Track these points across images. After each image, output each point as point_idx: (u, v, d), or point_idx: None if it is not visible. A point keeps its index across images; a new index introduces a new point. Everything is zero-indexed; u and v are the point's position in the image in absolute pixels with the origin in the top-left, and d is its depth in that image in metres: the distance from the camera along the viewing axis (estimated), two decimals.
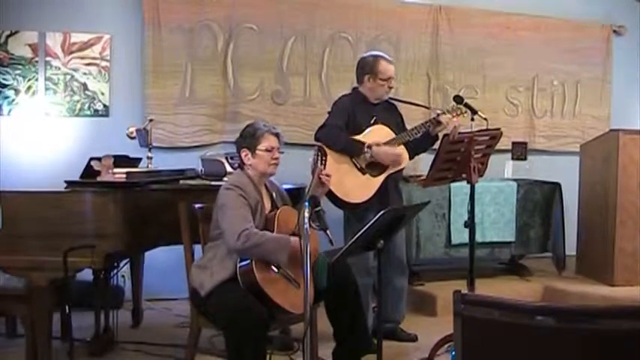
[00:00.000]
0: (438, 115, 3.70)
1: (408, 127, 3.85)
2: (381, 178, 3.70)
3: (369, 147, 3.62)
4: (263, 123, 3.15)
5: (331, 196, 3.59)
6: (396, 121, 3.87)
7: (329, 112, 3.84)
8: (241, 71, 5.10)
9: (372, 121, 3.74)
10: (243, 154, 3.06)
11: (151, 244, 3.75)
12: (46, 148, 4.68)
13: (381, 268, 2.87)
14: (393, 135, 3.74)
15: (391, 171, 3.71)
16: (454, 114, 3.70)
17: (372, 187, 3.67)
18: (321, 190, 2.96)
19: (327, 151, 3.52)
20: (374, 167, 3.69)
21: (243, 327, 2.66)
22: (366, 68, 3.81)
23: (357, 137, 3.69)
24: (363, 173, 3.68)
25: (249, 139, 3.04)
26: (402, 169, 3.83)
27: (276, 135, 3.07)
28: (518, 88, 5.98)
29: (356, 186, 3.65)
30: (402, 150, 3.74)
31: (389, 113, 3.88)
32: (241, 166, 3.11)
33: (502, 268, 5.34)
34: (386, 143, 3.71)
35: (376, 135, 3.71)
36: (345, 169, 3.65)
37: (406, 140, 3.73)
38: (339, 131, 3.67)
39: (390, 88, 3.80)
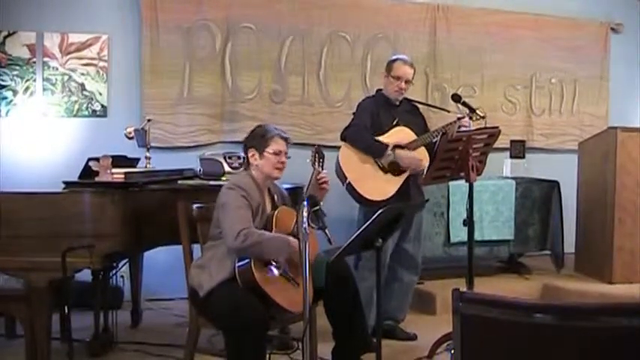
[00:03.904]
0: (459, 119, 3.72)
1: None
2: (403, 177, 3.77)
3: (393, 149, 3.72)
4: (274, 126, 3.15)
5: (354, 193, 3.71)
6: (418, 123, 3.94)
7: (354, 114, 3.94)
8: (239, 71, 5.10)
9: (394, 122, 3.83)
10: (250, 154, 3.06)
11: (150, 244, 3.75)
12: (44, 149, 4.68)
13: (379, 267, 2.87)
14: (414, 137, 3.81)
15: (412, 171, 3.78)
16: (473, 119, 3.73)
17: (393, 185, 3.74)
18: (319, 191, 2.94)
19: (352, 149, 3.75)
20: (396, 167, 3.77)
21: (242, 326, 2.66)
22: (386, 66, 3.94)
23: (380, 138, 3.77)
24: (385, 172, 3.76)
25: (258, 139, 3.04)
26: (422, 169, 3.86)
27: (286, 140, 3.08)
28: (516, 87, 5.98)
29: (378, 184, 3.73)
30: (423, 155, 3.80)
31: (411, 115, 3.96)
32: (246, 166, 3.11)
33: (501, 266, 5.35)
34: (408, 144, 3.78)
35: (398, 136, 3.79)
36: (368, 168, 3.75)
37: (427, 142, 3.80)
38: (365, 131, 3.78)
39: (401, 88, 3.84)
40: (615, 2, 6.33)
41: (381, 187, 3.72)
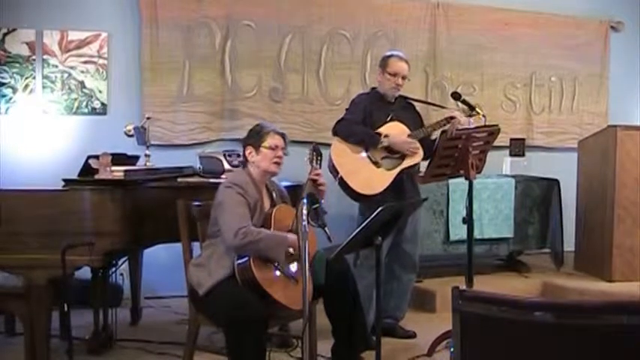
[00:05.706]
0: (451, 117, 3.71)
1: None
2: (396, 171, 3.74)
3: (386, 136, 3.69)
4: (269, 123, 3.22)
5: (346, 187, 3.68)
6: (413, 120, 3.92)
7: (347, 109, 3.91)
8: (239, 68, 5.09)
9: (388, 119, 3.80)
10: (247, 152, 3.08)
11: (150, 242, 3.75)
12: (43, 147, 4.67)
13: (379, 266, 2.87)
14: (408, 131, 3.78)
15: (405, 165, 3.76)
16: (468, 115, 3.73)
17: (386, 179, 3.71)
18: (317, 189, 2.95)
19: (344, 144, 3.72)
20: (389, 161, 3.75)
21: (242, 324, 2.66)
22: (380, 62, 3.90)
23: None
24: (378, 167, 3.74)
25: (254, 137, 3.08)
26: (416, 164, 3.84)
27: (282, 135, 3.11)
28: (516, 85, 5.98)
29: (370, 178, 3.70)
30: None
31: (406, 112, 3.93)
32: (244, 164, 3.13)
33: (500, 264, 5.35)
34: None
35: (391, 130, 3.76)
36: (361, 162, 3.73)
37: (421, 137, 3.78)
38: (356, 124, 3.75)
39: (397, 85, 3.82)
40: (615, 0, 6.33)
41: (373, 181, 3.69)
